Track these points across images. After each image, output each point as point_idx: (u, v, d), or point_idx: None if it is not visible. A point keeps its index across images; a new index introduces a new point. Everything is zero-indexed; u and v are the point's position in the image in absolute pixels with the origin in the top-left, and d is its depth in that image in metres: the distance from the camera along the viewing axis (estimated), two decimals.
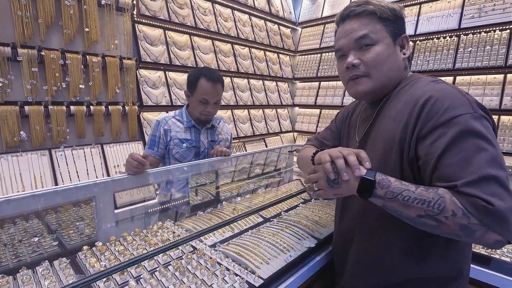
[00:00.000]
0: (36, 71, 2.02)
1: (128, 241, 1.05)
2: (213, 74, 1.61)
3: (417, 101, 0.73)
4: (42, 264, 0.90)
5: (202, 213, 1.32)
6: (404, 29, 0.84)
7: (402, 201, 0.65)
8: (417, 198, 0.64)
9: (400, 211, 0.66)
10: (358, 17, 0.82)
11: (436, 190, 0.64)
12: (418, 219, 0.65)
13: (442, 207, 0.62)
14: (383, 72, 0.81)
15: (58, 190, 1.13)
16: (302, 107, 4.57)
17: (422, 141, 0.70)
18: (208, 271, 0.88)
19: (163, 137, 1.68)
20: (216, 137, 1.76)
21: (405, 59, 0.85)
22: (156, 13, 2.81)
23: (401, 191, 0.66)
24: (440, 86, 0.74)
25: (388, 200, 0.67)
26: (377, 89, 0.84)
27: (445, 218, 0.61)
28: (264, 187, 1.77)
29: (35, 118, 2.03)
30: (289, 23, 4.56)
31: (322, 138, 1.12)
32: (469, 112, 0.66)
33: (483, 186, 0.60)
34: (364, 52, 0.81)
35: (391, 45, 0.81)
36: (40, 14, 2.02)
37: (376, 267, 0.84)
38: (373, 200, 0.69)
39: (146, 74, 2.76)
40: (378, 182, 0.68)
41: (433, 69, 3.14)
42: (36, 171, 2.02)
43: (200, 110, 1.63)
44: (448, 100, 0.68)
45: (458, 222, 0.61)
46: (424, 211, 0.63)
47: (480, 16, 2.90)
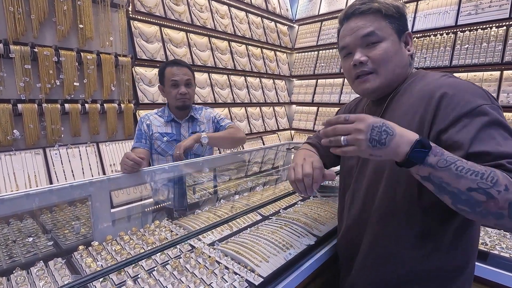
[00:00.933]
0: (29, 68, 1.98)
1: (125, 240, 1.03)
2: (175, 60, 1.73)
3: (432, 94, 0.73)
4: (37, 264, 0.88)
5: (200, 212, 1.31)
6: (407, 26, 0.85)
7: (456, 171, 0.60)
8: (470, 169, 0.60)
9: (448, 183, 0.61)
10: (363, 15, 0.81)
11: (487, 166, 0.61)
12: (466, 193, 0.60)
13: (495, 180, 0.58)
14: (390, 69, 0.81)
15: (53, 189, 1.11)
16: (299, 105, 4.56)
17: (445, 132, 0.69)
18: (207, 270, 0.86)
19: (146, 131, 1.72)
20: (198, 128, 1.77)
21: (409, 55, 0.85)
22: (152, 10, 2.77)
23: (455, 160, 0.61)
24: (454, 80, 0.74)
25: (439, 170, 0.61)
26: (384, 86, 0.83)
27: (498, 193, 0.58)
28: (262, 185, 1.76)
29: (28, 116, 2.00)
30: (286, 20, 4.54)
31: None
32: (488, 103, 0.67)
33: None
34: (370, 49, 0.80)
35: (396, 42, 0.81)
36: (33, 10, 1.97)
37: (385, 259, 0.84)
38: (419, 168, 0.62)
39: (142, 71, 2.72)
40: (432, 149, 0.62)
41: (430, 66, 3.14)
42: (30, 170, 1.99)
43: (174, 94, 1.67)
44: (466, 92, 0.69)
45: (509, 198, 0.58)
46: (476, 184, 0.59)
47: (476, 13, 2.90)
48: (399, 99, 0.82)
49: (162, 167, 1.54)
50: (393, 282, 0.85)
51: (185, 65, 1.71)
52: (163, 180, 1.59)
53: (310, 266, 0.96)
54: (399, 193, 0.78)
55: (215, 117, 1.85)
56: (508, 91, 2.74)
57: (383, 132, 0.62)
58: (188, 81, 1.68)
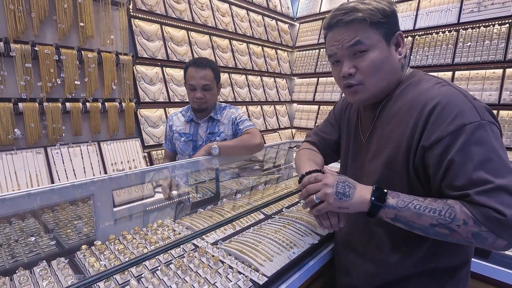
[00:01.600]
0: (30, 67, 1.97)
1: (128, 239, 1.03)
2: (198, 60, 1.66)
3: (424, 105, 0.71)
4: (40, 264, 0.87)
5: (202, 210, 1.30)
6: (397, 26, 0.80)
7: (414, 210, 0.66)
8: (427, 207, 0.65)
9: (413, 221, 0.67)
10: (347, 25, 0.77)
11: (445, 200, 0.66)
12: (431, 229, 0.65)
13: (453, 216, 0.63)
14: (380, 78, 0.79)
15: (55, 188, 1.10)
16: (300, 104, 4.55)
17: (430, 150, 0.69)
18: (211, 269, 0.86)
19: (169, 132, 1.81)
20: (217, 128, 1.73)
21: (401, 58, 0.81)
22: (153, 8, 2.76)
23: (411, 199, 0.67)
24: (448, 90, 0.71)
25: (401, 210, 0.67)
26: (375, 96, 0.83)
27: (457, 227, 0.63)
28: (263, 183, 1.75)
29: (29, 115, 1.99)
30: (287, 19, 4.52)
31: (322, 132, 1.09)
32: (476, 120, 0.65)
33: (494, 196, 0.60)
34: (358, 59, 0.78)
35: (385, 48, 0.77)
36: (33, 8, 1.96)
37: (382, 261, 0.84)
38: (385, 211, 0.69)
39: (143, 70, 2.71)
40: (388, 192, 0.69)
41: (432, 64, 3.13)
42: (31, 170, 1.98)
43: (191, 97, 1.66)
44: (455, 107, 0.67)
45: (470, 230, 0.62)
46: (436, 220, 0.64)
47: (479, 11, 2.88)
48: (393, 106, 0.80)
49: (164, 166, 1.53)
50: (391, 281, 0.84)
51: (206, 66, 1.62)
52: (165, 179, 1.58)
53: (314, 264, 0.96)
54: None
55: (235, 118, 1.75)
56: (510, 88, 2.72)
57: (346, 186, 0.72)
58: (205, 86, 1.62)
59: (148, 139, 2.67)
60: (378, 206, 0.69)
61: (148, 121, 2.72)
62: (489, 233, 0.61)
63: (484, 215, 0.60)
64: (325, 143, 1.07)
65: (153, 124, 2.74)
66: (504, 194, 0.60)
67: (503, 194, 0.60)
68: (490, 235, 0.61)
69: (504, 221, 0.58)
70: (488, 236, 0.61)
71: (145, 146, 2.62)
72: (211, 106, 1.72)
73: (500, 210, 0.59)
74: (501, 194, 0.60)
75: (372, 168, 0.82)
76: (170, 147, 1.85)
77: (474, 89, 2.86)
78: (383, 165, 0.78)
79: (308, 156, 0.99)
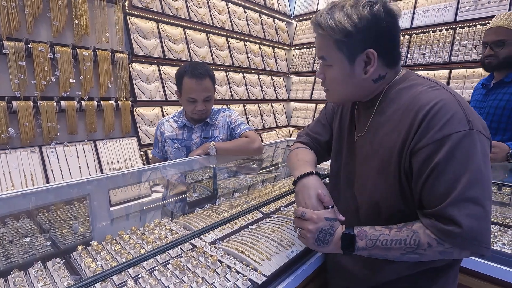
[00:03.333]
0: (23, 64, 1.94)
1: (125, 239, 1.02)
2: (197, 70, 1.52)
3: (418, 111, 0.69)
4: (35, 265, 0.86)
5: (200, 210, 1.29)
6: (368, 43, 0.72)
7: (382, 246, 0.69)
8: (393, 240, 0.68)
9: (385, 255, 0.70)
10: (317, 35, 0.78)
11: (410, 226, 0.69)
12: (402, 257, 0.69)
13: (418, 242, 0.67)
14: (340, 91, 0.82)
15: (50, 188, 1.09)
16: (297, 102, 4.54)
17: (415, 156, 0.69)
18: (209, 269, 0.85)
19: (160, 139, 1.74)
20: (211, 133, 1.69)
21: (368, 78, 0.76)
22: (149, 5, 2.73)
23: (377, 237, 0.70)
24: (442, 94, 0.70)
25: (370, 249, 0.71)
26: (343, 101, 0.88)
27: (424, 250, 0.66)
28: (261, 182, 1.75)
29: (23, 114, 1.96)
30: (284, 16, 4.50)
31: (313, 133, 1.07)
32: (464, 129, 0.64)
33: (462, 207, 0.63)
34: (325, 69, 0.81)
35: (346, 68, 0.76)
36: (27, 5, 1.93)
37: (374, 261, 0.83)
38: (358, 253, 0.72)
39: (139, 68, 2.69)
40: (357, 235, 0.72)
41: (429, 62, 3.14)
42: (26, 169, 1.96)
43: (191, 109, 1.59)
44: (447, 114, 0.66)
45: (436, 250, 0.66)
46: (404, 250, 0.68)
47: (476, 9, 2.90)
48: (387, 109, 0.78)
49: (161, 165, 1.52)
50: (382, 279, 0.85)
51: (205, 75, 1.52)
52: (162, 178, 1.57)
53: (312, 263, 0.96)
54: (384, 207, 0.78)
55: (231, 122, 1.71)
56: None
57: (327, 234, 0.74)
58: (207, 98, 1.56)
59: (144, 137, 2.65)
60: (348, 253, 0.73)
61: (144, 119, 2.70)
62: (452, 248, 0.65)
63: (443, 232, 0.64)
64: (316, 142, 1.05)
65: (149, 122, 2.72)
66: (472, 205, 0.62)
67: (471, 205, 0.62)
68: (454, 250, 0.65)
69: (460, 233, 0.62)
70: (452, 251, 0.65)
71: (142, 144, 2.60)
72: (209, 113, 1.69)
73: (460, 222, 0.62)
74: (469, 206, 0.62)
75: (365, 171, 0.82)
76: (161, 154, 1.79)
77: (470, 88, 2.87)
78: (375, 169, 0.78)
79: (299, 155, 0.98)
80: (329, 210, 0.77)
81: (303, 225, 0.76)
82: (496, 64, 1.62)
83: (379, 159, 0.77)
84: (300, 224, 0.78)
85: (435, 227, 0.65)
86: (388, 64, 0.77)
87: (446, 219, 0.64)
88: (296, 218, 0.80)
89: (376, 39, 0.73)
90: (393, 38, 0.76)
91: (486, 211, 0.63)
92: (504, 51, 1.57)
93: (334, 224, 0.75)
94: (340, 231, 0.75)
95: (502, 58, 1.58)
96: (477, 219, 0.62)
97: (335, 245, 0.74)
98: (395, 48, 0.77)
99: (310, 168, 0.86)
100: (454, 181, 0.64)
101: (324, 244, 0.74)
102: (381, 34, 0.73)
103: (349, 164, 0.90)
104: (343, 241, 0.73)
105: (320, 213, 0.75)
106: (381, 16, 0.71)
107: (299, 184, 0.83)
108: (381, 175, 0.76)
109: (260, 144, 1.65)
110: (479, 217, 0.62)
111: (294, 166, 0.92)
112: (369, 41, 0.72)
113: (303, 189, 0.81)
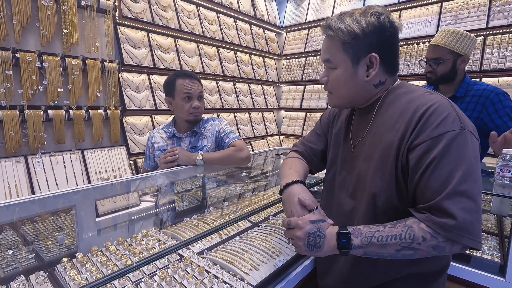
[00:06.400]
0: (10, 73, 1.92)
1: (111, 251, 1.01)
2: (186, 72, 1.68)
3: (416, 110, 0.74)
4: (17, 279, 0.84)
5: (189, 219, 1.29)
6: (372, 48, 0.78)
7: (378, 242, 0.70)
8: (388, 235, 0.70)
9: (381, 252, 0.71)
10: (325, 37, 0.85)
11: (404, 222, 0.71)
12: (398, 253, 0.70)
13: (412, 236, 0.68)
14: (342, 94, 0.86)
15: (35, 199, 1.07)
16: (287, 110, 4.60)
17: (411, 152, 0.73)
18: (196, 279, 0.85)
19: (151, 149, 1.76)
20: (199, 142, 1.71)
21: (370, 80, 0.81)
22: (139, 15, 2.75)
23: (372, 234, 0.71)
24: (437, 97, 0.76)
25: (366, 247, 0.71)
26: (344, 105, 0.91)
27: (418, 245, 0.68)
28: (251, 191, 1.75)
29: (9, 123, 1.93)
30: (274, 27, 4.59)
31: (309, 142, 1.10)
32: (457, 128, 0.69)
33: (457, 201, 0.65)
34: (329, 72, 0.85)
35: (349, 70, 0.81)
36: (15, 14, 1.92)
37: (368, 268, 0.85)
38: (354, 252, 0.73)
39: (129, 77, 2.69)
40: (351, 233, 0.72)
41: (413, 73, 3.24)
42: (11, 180, 1.91)
43: (187, 108, 1.62)
44: (442, 113, 0.71)
45: (430, 244, 0.67)
46: (399, 245, 0.69)
47: (456, 23, 3.03)
48: (385, 113, 0.83)
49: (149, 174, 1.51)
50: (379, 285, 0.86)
51: (196, 77, 1.67)
52: (150, 188, 1.56)
53: (299, 272, 0.97)
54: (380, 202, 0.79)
55: (219, 131, 1.73)
56: None
57: (317, 237, 0.74)
58: (200, 93, 1.65)
59: (134, 146, 2.64)
60: (345, 252, 0.73)
61: (134, 128, 2.68)
62: (445, 242, 0.66)
63: (438, 225, 0.66)
64: (312, 152, 1.08)
65: (139, 131, 2.71)
66: (465, 199, 0.65)
67: (464, 199, 0.65)
68: (447, 244, 0.67)
69: (455, 225, 0.64)
70: (445, 246, 0.67)
71: (131, 154, 2.59)
72: (202, 114, 1.73)
73: (454, 215, 0.64)
74: (463, 199, 0.65)
75: (364, 170, 0.84)
76: (153, 165, 1.78)
77: None
78: (374, 166, 0.79)
79: (290, 165, 1.00)
80: (314, 212, 0.78)
81: (292, 233, 0.77)
82: (435, 80, 1.72)
83: (378, 156, 0.79)
84: (289, 234, 0.79)
85: (431, 220, 0.67)
86: (388, 71, 0.83)
87: (441, 212, 0.66)
88: (285, 230, 0.81)
89: (380, 45, 0.79)
90: (394, 47, 0.83)
91: (477, 205, 0.66)
92: (440, 68, 1.67)
93: (321, 225, 0.76)
94: (331, 231, 0.75)
95: (440, 75, 1.68)
96: (470, 212, 0.64)
97: (329, 247, 0.74)
98: (395, 57, 0.84)
99: (296, 178, 0.88)
100: (448, 176, 0.67)
101: (316, 248, 0.75)
102: (384, 41, 0.80)
103: (346, 169, 0.92)
104: (338, 239, 0.73)
105: (304, 218, 0.77)
106: (386, 25, 0.79)
107: (285, 193, 0.86)
108: (379, 171, 0.79)
109: (249, 153, 1.67)
110: (471, 211, 0.65)
111: (283, 175, 0.95)
112: (373, 46, 0.79)
113: (288, 197, 0.84)
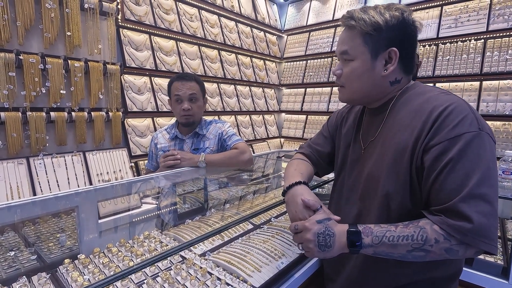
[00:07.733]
0: (13, 75, 1.93)
1: (113, 252, 1.00)
2: (183, 74, 1.70)
3: (432, 110, 0.72)
4: (19, 280, 0.84)
5: (190, 221, 1.29)
6: (394, 41, 0.77)
7: (389, 242, 0.68)
8: (400, 236, 0.68)
9: (391, 253, 0.69)
10: (344, 29, 0.83)
11: (416, 223, 0.69)
12: (408, 254, 0.68)
13: (425, 238, 0.66)
14: (356, 88, 0.83)
15: (37, 200, 1.07)
16: (288, 113, 4.61)
17: (427, 153, 0.71)
18: (199, 281, 0.85)
19: (154, 150, 1.76)
20: (202, 144, 1.72)
21: (386, 76, 0.79)
22: (142, 18, 2.77)
23: (384, 233, 0.69)
24: (453, 98, 0.74)
25: (377, 246, 0.69)
26: (356, 100, 0.87)
27: (431, 247, 0.66)
28: (252, 193, 1.75)
29: (11, 124, 1.94)
30: (275, 30, 4.62)
31: (315, 145, 1.09)
32: (475, 130, 0.67)
33: (473, 204, 0.63)
34: (345, 64, 0.83)
35: (367, 62, 0.79)
36: (19, 17, 1.94)
37: (378, 272, 0.84)
38: (364, 251, 0.71)
39: (131, 79, 2.70)
40: (362, 232, 0.71)
41: None
42: (12, 181, 1.91)
43: (178, 111, 1.65)
44: (460, 114, 0.69)
45: (442, 246, 0.65)
46: (411, 246, 0.67)
47: (456, 26, 3.05)
48: (398, 113, 0.80)
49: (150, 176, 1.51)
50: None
51: (192, 79, 1.65)
52: (152, 189, 1.56)
53: (302, 274, 0.96)
54: (394, 205, 0.77)
55: (222, 134, 1.74)
56: (487, 100, 2.86)
57: (327, 236, 0.72)
58: (192, 95, 1.62)
59: (135, 148, 2.64)
60: (355, 251, 0.72)
61: (135, 130, 2.69)
62: (459, 245, 0.64)
63: (454, 228, 0.63)
64: (318, 155, 1.07)
65: (140, 133, 2.71)
66: (482, 202, 0.63)
67: (481, 202, 0.63)
68: (460, 247, 0.64)
69: (471, 229, 0.62)
70: (458, 249, 0.65)
71: (132, 156, 2.59)
72: (198, 120, 1.71)
73: (471, 218, 0.62)
74: (480, 203, 0.63)
75: (376, 171, 0.81)
76: (155, 166, 1.78)
77: None
78: (388, 167, 0.77)
79: (295, 167, 0.99)
80: (319, 212, 0.77)
81: (301, 237, 0.75)
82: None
83: (392, 157, 0.77)
84: (298, 238, 0.77)
85: (445, 223, 0.64)
86: (405, 69, 0.81)
87: (456, 215, 0.64)
88: (294, 235, 0.79)
89: (401, 41, 0.78)
90: (414, 46, 0.81)
91: (494, 209, 0.64)
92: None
93: (328, 224, 0.74)
94: (340, 229, 0.73)
95: None
96: (486, 216, 0.62)
97: (340, 245, 0.72)
98: (413, 57, 0.82)
99: (299, 179, 0.87)
100: (465, 178, 0.64)
101: (327, 247, 0.72)
102: (406, 37, 0.78)
103: (356, 170, 0.90)
104: (348, 237, 0.71)
105: (311, 219, 0.75)
106: (410, 22, 0.78)
107: (288, 195, 0.85)
108: (393, 172, 0.76)
109: (251, 156, 1.67)
110: (488, 214, 0.62)
111: (287, 176, 0.94)
112: (395, 41, 0.77)
113: (292, 198, 0.83)
